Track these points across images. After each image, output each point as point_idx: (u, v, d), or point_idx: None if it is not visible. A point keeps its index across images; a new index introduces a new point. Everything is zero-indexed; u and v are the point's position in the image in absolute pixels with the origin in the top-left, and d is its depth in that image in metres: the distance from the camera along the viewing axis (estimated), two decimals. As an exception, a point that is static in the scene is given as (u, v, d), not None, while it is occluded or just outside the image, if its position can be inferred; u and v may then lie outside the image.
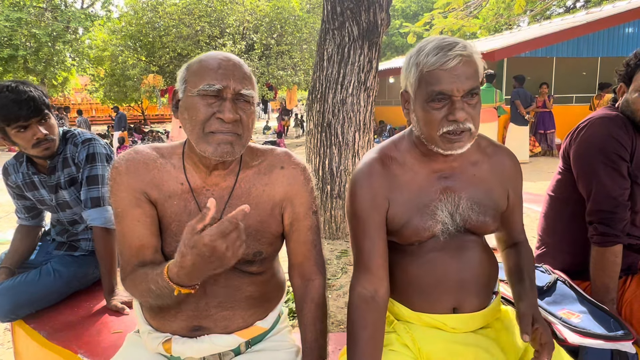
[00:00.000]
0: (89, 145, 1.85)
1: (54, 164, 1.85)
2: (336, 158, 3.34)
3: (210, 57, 1.02)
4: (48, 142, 1.75)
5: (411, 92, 1.11)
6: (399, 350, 1.15)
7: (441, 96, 1.04)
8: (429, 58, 1.04)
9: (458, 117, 1.03)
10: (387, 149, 1.22)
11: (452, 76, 1.02)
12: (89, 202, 1.82)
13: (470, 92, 1.04)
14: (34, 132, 1.70)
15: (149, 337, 1.12)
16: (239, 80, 1.01)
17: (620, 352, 1.32)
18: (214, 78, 0.98)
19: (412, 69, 1.08)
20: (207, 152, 1.00)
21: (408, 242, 1.18)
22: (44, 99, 1.71)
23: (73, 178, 1.87)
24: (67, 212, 1.93)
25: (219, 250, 0.81)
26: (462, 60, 1.03)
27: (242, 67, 1.03)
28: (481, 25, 14.75)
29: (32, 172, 1.88)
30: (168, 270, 0.90)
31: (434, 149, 1.11)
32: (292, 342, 1.25)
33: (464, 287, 1.17)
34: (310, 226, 1.17)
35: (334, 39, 3.24)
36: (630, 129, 1.49)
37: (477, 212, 1.17)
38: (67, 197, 1.88)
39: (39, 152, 1.76)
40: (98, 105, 24.86)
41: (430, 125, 1.07)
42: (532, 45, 10.15)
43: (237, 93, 1.01)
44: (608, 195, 1.47)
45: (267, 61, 15.23)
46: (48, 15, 17.97)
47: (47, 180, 1.88)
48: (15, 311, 1.76)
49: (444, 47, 1.03)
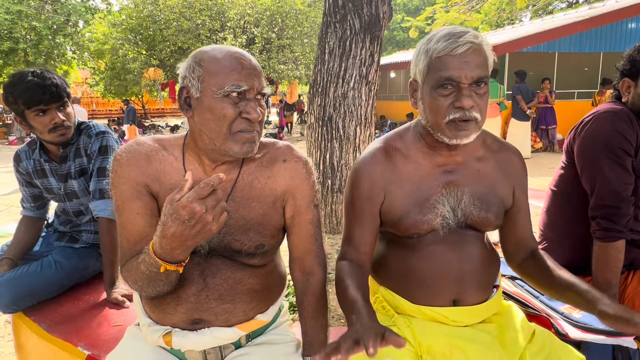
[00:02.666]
0: (102, 138, 1.88)
1: (66, 153, 1.88)
2: (337, 152, 3.33)
3: (225, 54, 1.00)
4: (64, 128, 1.79)
5: (420, 79, 1.11)
6: (399, 344, 1.15)
7: (449, 82, 1.03)
8: (439, 44, 1.04)
9: (464, 104, 1.03)
10: (392, 139, 1.22)
11: (461, 62, 1.02)
12: (97, 193, 1.84)
13: (479, 80, 1.04)
14: (52, 117, 1.74)
15: (149, 330, 1.12)
16: (260, 79, 1.02)
17: (621, 347, 1.33)
18: (238, 79, 0.98)
19: (422, 56, 1.08)
20: (233, 151, 1.01)
21: (407, 235, 1.18)
22: (66, 87, 1.78)
23: (83, 168, 1.90)
24: (74, 201, 1.96)
25: (197, 214, 0.80)
26: (472, 48, 1.02)
27: (257, 64, 1.05)
28: (483, 20, 14.67)
29: (44, 160, 1.91)
30: (153, 244, 0.90)
31: (440, 137, 1.10)
32: (293, 335, 1.25)
33: (463, 279, 1.17)
34: (312, 220, 1.17)
35: (335, 32, 3.22)
36: (636, 124, 1.48)
37: (479, 208, 1.17)
38: (75, 187, 1.91)
39: (55, 138, 1.79)
40: (99, 99, 24.81)
41: (437, 112, 1.07)
42: (534, 41, 10.10)
43: (259, 92, 1.02)
44: (612, 190, 1.46)
45: (268, 55, 15.19)
46: (48, 8, 17.88)
47: (57, 169, 1.91)
48: (17, 302, 1.76)
49: (455, 34, 1.03)
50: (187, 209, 0.80)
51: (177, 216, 0.81)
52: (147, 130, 14.84)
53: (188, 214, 0.80)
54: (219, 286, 1.09)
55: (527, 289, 1.58)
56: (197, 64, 1.00)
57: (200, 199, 0.80)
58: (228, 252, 1.09)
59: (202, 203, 0.80)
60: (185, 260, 0.93)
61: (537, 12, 19.26)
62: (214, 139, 1.01)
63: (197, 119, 1.02)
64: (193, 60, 1.02)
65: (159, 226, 0.85)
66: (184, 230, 0.82)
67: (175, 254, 0.88)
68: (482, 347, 1.14)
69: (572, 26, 10.12)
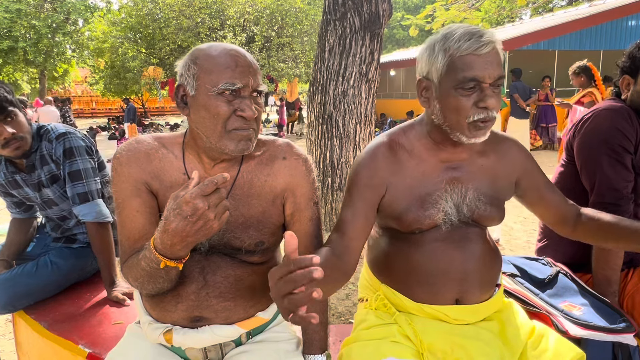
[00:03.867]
0: (64, 140, 1.76)
1: (31, 162, 1.77)
2: (337, 150, 3.33)
3: (220, 51, 1.00)
4: (17, 140, 1.66)
5: (435, 78, 1.09)
6: (400, 341, 1.15)
7: (473, 82, 1.03)
8: (461, 43, 1.02)
9: (489, 104, 1.03)
10: (396, 135, 1.22)
11: (485, 62, 1.02)
12: (76, 199, 1.77)
13: (498, 80, 1.04)
14: (0, 133, 1.62)
15: (149, 328, 1.12)
16: (255, 76, 1.01)
17: (621, 344, 1.32)
18: (232, 76, 0.98)
19: (439, 55, 1.06)
20: (228, 149, 1.01)
21: (409, 230, 1.17)
22: (7, 96, 1.62)
23: (54, 175, 1.79)
24: (54, 209, 1.88)
25: (200, 210, 0.80)
26: (494, 48, 1.02)
27: (253, 61, 1.03)
28: (483, 18, 14.66)
29: (11, 171, 1.81)
30: (154, 239, 0.90)
31: (458, 137, 1.09)
32: (293, 333, 1.25)
33: (466, 278, 1.17)
34: (311, 217, 1.17)
35: (335, 30, 3.21)
36: (635, 121, 1.48)
37: (484, 203, 1.17)
38: (51, 195, 1.82)
39: (11, 152, 1.68)
40: (98, 98, 24.78)
41: (459, 112, 1.05)
42: (534, 38, 10.10)
43: (254, 90, 1.01)
44: (611, 187, 1.46)
45: (268, 53, 15.18)
46: (47, 6, 17.87)
47: (28, 179, 1.81)
48: (13, 303, 1.76)
49: (475, 34, 1.02)
50: (190, 204, 0.80)
51: (180, 211, 0.81)
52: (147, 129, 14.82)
53: (191, 209, 0.80)
54: (219, 284, 1.09)
55: (527, 286, 1.57)
56: (193, 61, 1.00)
57: (204, 196, 0.81)
58: (228, 249, 1.09)
59: (205, 200, 0.80)
60: (185, 257, 0.93)
61: (537, 10, 19.24)
62: (209, 137, 1.01)
63: (193, 116, 1.02)
64: (189, 58, 1.01)
65: (161, 221, 0.86)
66: (186, 226, 0.82)
67: (175, 249, 0.88)
68: (483, 344, 1.14)
69: (572, 24, 10.11)
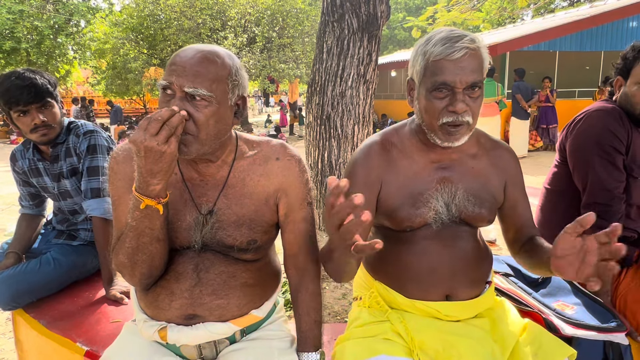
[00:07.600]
0: (90, 137, 1.89)
1: (56, 152, 1.90)
2: (335, 151, 3.34)
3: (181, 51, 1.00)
4: (46, 128, 1.79)
5: (416, 80, 1.13)
6: (392, 339, 1.17)
7: (444, 86, 1.06)
8: (436, 48, 1.05)
9: (457, 109, 1.05)
10: (388, 134, 1.25)
11: (457, 68, 1.04)
12: (89, 193, 1.86)
13: (473, 85, 1.06)
14: (33, 118, 1.75)
15: (144, 326, 1.13)
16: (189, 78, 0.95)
17: (612, 343, 1.34)
18: (167, 74, 0.98)
19: (419, 58, 1.10)
20: None
21: (400, 228, 1.19)
22: (48, 87, 1.77)
23: (74, 168, 1.91)
24: (67, 201, 1.98)
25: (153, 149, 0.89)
26: (468, 53, 1.04)
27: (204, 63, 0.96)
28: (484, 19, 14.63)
29: (37, 159, 1.93)
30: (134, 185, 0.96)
31: (433, 138, 1.13)
32: (288, 331, 1.26)
33: (456, 275, 1.19)
34: (305, 217, 1.18)
35: (333, 32, 3.23)
36: (627, 122, 1.49)
37: (473, 204, 1.19)
38: (68, 187, 1.93)
39: (37, 138, 1.81)
40: (100, 98, 24.82)
41: (431, 114, 1.10)
42: (535, 39, 10.09)
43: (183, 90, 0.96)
44: (603, 188, 1.48)
45: (269, 54, 15.17)
46: (50, 7, 17.91)
47: (50, 168, 1.93)
48: (16, 300, 1.78)
49: (452, 39, 1.05)
50: (141, 147, 0.89)
51: (138, 153, 0.91)
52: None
53: (144, 150, 0.89)
54: (212, 281, 1.10)
55: (520, 285, 1.59)
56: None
57: (152, 136, 0.89)
58: (221, 247, 1.11)
59: (154, 139, 0.89)
60: (164, 198, 0.97)
61: (539, 11, 19.21)
62: None
63: None
64: None
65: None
66: (147, 163, 0.91)
67: (151, 185, 0.93)
68: (475, 342, 1.15)
69: (573, 25, 10.10)
